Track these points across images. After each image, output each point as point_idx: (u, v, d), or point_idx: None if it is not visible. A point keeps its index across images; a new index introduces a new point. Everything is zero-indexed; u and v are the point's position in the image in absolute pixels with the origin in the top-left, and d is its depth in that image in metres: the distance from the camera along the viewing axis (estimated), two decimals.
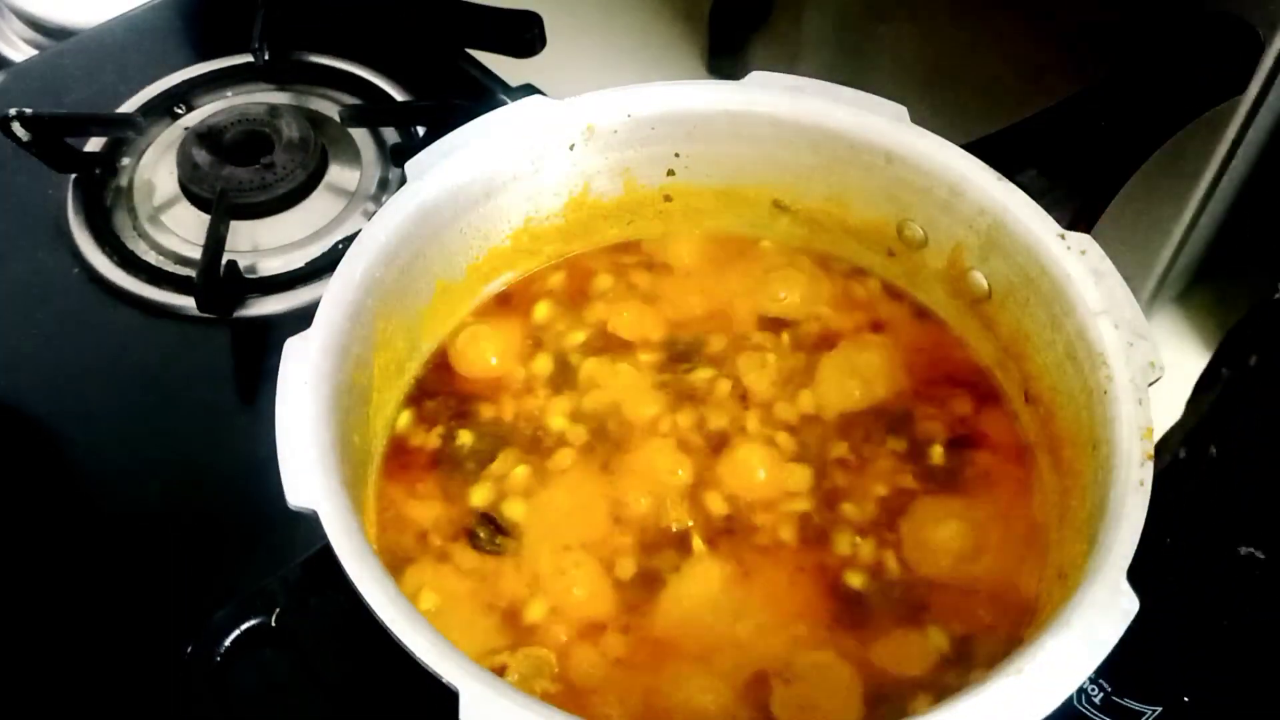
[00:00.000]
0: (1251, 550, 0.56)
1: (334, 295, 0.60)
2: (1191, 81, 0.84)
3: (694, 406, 0.67)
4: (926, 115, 0.67)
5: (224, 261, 0.84)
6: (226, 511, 0.75)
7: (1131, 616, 0.48)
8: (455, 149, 0.66)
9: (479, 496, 0.63)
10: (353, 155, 0.94)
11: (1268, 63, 0.93)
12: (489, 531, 0.62)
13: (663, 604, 0.60)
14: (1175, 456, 0.60)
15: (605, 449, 0.65)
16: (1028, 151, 0.74)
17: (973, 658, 0.58)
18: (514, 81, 0.98)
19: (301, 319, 0.58)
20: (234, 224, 0.88)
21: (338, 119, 0.96)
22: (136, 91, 0.98)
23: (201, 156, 0.91)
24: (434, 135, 0.67)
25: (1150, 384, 0.56)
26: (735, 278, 0.73)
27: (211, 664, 0.55)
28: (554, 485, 0.64)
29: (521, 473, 0.64)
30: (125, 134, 0.95)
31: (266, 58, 0.99)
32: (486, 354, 0.70)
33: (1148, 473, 0.53)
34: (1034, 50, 1.10)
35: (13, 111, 0.87)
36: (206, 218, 0.87)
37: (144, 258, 0.88)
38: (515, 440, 0.66)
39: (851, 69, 1.30)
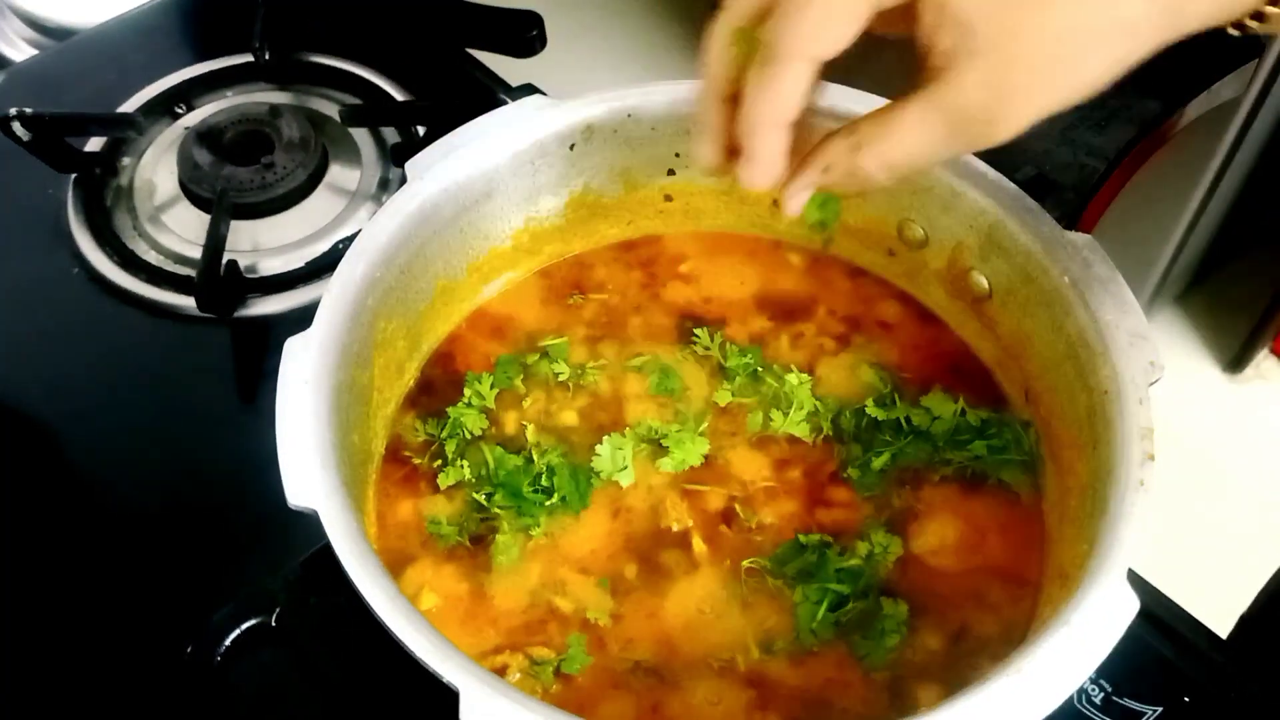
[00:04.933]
0: None
1: (334, 295, 0.60)
2: (1192, 81, 0.84)
3: (696, 405, 0.67)
4: None
5: (224, 261, 0.84)
6: (226, 511, 0.75)
7: (1132, 617, 0.48)
8: (455, 149, 0.66)
9: (478, 493, 0.63)
10: (353, 155, 0.94)
11: (1268, 63, 0.94)
12: (488, 517, 0.62)
13: (663, 603, 0.60)
14: None
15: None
16: (1028, 151, 0.74)
17: (971, 655, 0.58)
18: (514, 81, 0.98)
19: (301, 319, 0.58)
20: (234, 224, 0.88)
21: (338, 119, 0.96)
22: (136, 91, 0.98)
23: (202, 156, 0.91)
24: (434, 135, 0.67)
25: (1151, 384, 0.56)
26: (736, 277, 0.73)
27: (211, 664, 0.55)
28: (555, 483, 0.64)
29: (523, 470, 0.64)
30: (125, 134, 0.95)
31: (266, 57, 0.99)
32: (487, 353, 0.70)
33: (1149, 473, 0.53)
34: None
35: (13, 111, 0.87)
36: (207, 217, 0.87)
37: (144, 257, 0.88)
38: (517, 439, 0.66)
39: (851, 69, 1.31)
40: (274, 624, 0.56)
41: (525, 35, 0.97)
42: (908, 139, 0.46)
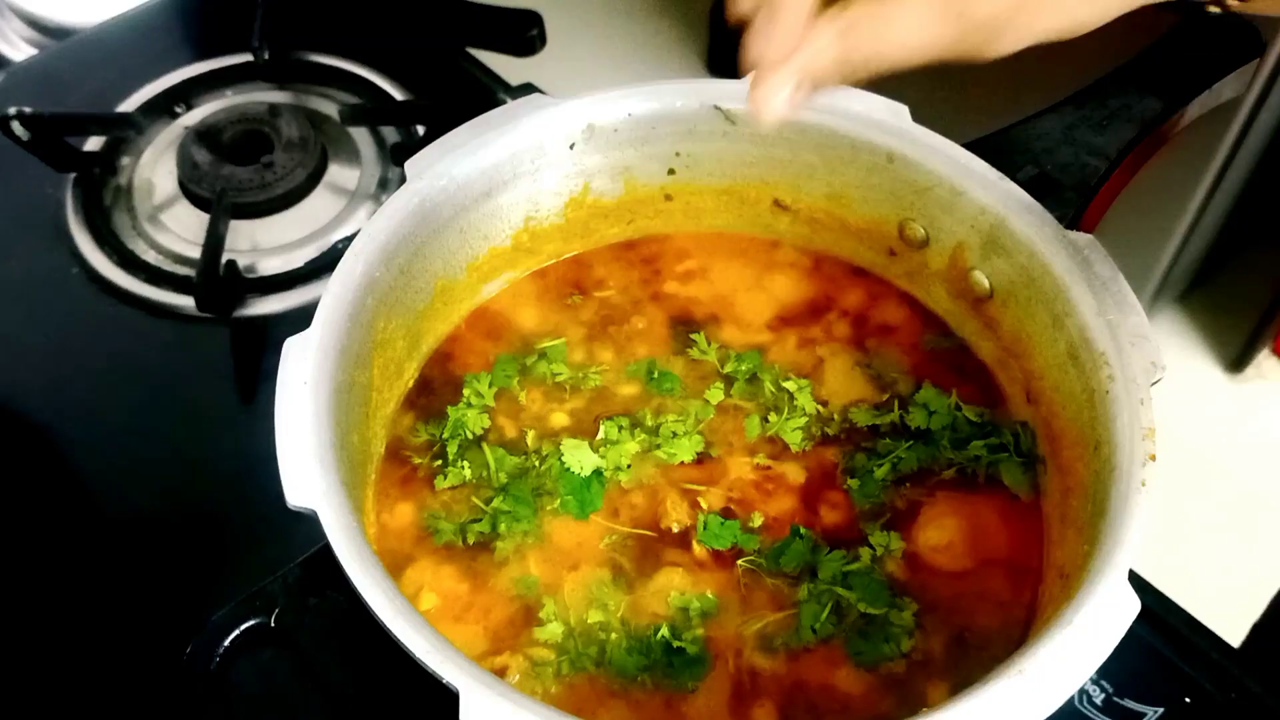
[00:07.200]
0: None
1: (334, 295, 0.60)
2: (1192, 81, 0.84)
3: (694, 404, 0.67)
4: (928, 115, 0.67)
5: (224, 261, 0.84)
6: (226, 511, 0.75)
7: (1133, 617, 0.48)
8: (455, 148, 0.66)
9: (478, 495, 0.63)
10: (353, 154, 0.94)
11: (1268, 63, 0.94)
12: (489, 518, 0.62)
13: (663, 603, 0.60)
14: None
15: (605, 449, 0.65)
16: (1028, 151, 0.74)
17: (972, 655, 0.57)
18: (514, 81, 0.98)
19: (301, 319, 0.58)
20: (234, 223, 0.88)
21: (338, 118, 0.96)
22: (136, 91, 0.98)
23: (201, 156, 0.91)
24: (434, 134, 0.67)
25: (1152, 384, 0.56)
26: (736, 277, 0.73)
27: (211, 664, 0.55)
28: (554, 482, 0.64)
29: (524, 471, 0.64)
30: (125, 133, 0.95)
31: (266, 57, 0.99)
32: (486, 353, 0.70)
33: (1150, 473, 0.53)
34: (1035, 51, 1.11)
35: (13, 111, 0.87)
36: (206, 217, 0.87)
37: (143, 257, 0.88)
38: (517, 440, 0.66)
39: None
40: (274, 624, 0.56)
41: (525, 35, 0.97)
42: (905, 26, 0.44)
